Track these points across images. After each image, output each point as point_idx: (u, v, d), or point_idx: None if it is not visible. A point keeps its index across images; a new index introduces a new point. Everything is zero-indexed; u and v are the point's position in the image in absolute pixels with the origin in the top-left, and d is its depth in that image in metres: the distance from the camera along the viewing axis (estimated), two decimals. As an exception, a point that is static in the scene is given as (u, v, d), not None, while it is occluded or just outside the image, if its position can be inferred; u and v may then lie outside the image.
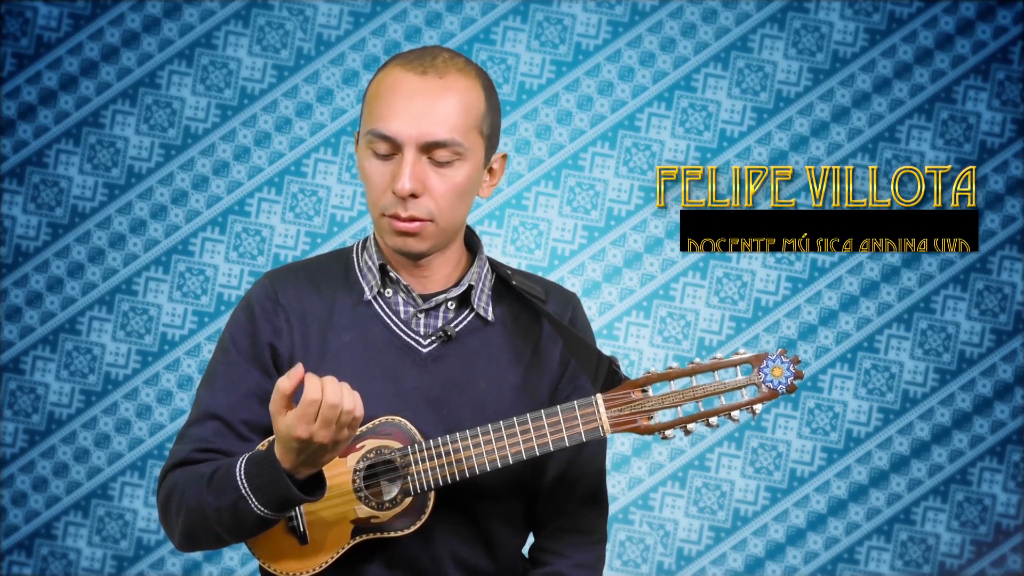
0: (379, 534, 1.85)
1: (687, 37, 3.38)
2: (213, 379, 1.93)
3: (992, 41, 3.37)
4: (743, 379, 1.82)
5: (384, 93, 1.84)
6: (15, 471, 3.39)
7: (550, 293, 1.97)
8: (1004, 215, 3.37)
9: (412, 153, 1.82)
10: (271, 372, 1.90)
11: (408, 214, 1.83)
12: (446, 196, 1.85)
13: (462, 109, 1.84)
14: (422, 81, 1.83)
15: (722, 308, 3.38)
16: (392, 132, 1.82)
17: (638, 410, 1.82)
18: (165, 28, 3.39)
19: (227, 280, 3.38)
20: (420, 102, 1.82)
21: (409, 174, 1.81)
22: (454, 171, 1.85)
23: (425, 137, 1.82)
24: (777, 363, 1.81)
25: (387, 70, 1.87)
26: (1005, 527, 3.36)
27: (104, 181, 3.39)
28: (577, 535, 1.96)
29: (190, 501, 1.84)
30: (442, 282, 1.93)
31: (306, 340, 1.91)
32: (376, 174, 1.85)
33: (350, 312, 1.92)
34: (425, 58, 1.86)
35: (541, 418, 1.82)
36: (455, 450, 1.82)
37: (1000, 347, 3.37)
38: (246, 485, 1.78)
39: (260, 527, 1.83)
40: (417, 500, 1.84)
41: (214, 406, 1.90)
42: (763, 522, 3.38)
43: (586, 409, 1.81)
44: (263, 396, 1.87)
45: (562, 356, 1.94)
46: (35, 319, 3.39)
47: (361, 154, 1.88)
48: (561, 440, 1.81)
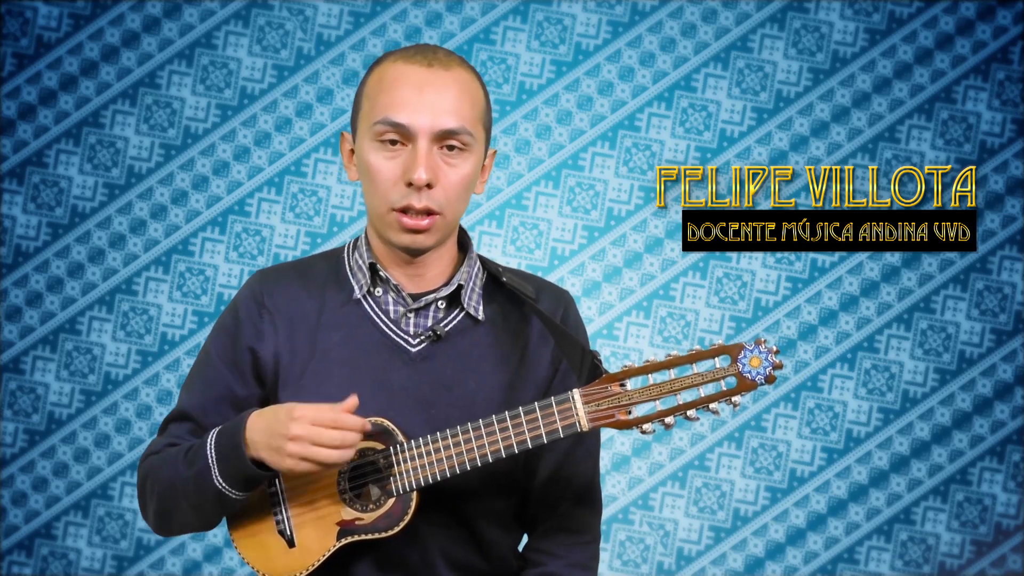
0: (364, 536, 1.85)
1: (687, 37, 3.38)
2: (192, 379, 1.96)
3: (992, 41, 3.36)
4: (721, 370, 1.78)
5: (390, 85, 1.84)
6: (15, 471, 3.40)
7: (542, 291, 1.97)
8: (1004, 215, 3.37)
9: (426, 142, 1.83)
10: (246, 377, 1.92)
11: (422, 205, 1.83)
12: (455, 188, 1.85)
13: (469, 101, 1.86)
14: (429, 72, 1.84)
15: (722, 308, 3.38)
16: (405, 121, 1.82)
17: (616, 404, 1.79)
18: (165, 28, 3.39)
19: (227, 280, 3.38)
20: (431, 92, 1.83)
21: (425, 164, 1.82)
22: (463, 162, 1.85)
23: (439, 126, 1.83)
24: (755, 353, 1.77)
25: (387, 64, 1.87)
26: (1005, 527, 3.36)
27: (104, 181, 3.39)
28: (570, 535, 1.96)
29: (164, 477, 1.88)
30: (433, 281, 1.93)
31: (293, 341, 1.91)
32: (384, 167, 1.84)
33: (339, 311, 1.92)
34: (427, 52, 1.87)
35: (519, 415, 1.81)
36: (435, 450, 1.82)
37: (1000, 347, 3.37)
38: (213, 455, 1.83)
39: (219, 504, 1.85)
40: (401, 501, 1.84)
41: (189, 406, 1.94)
42: (763, 522, 3.37)
43: (563, 404, 1.80)
44: (235, 401, 1.91)
45: (553, 356, 1.94)
46: (35, 319, 3.39)
47: (364, 148, 1.87)
48: (539, 437, 1.80)
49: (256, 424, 1.81)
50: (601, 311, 3.37)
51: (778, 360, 1.78)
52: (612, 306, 3.38)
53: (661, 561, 3.38)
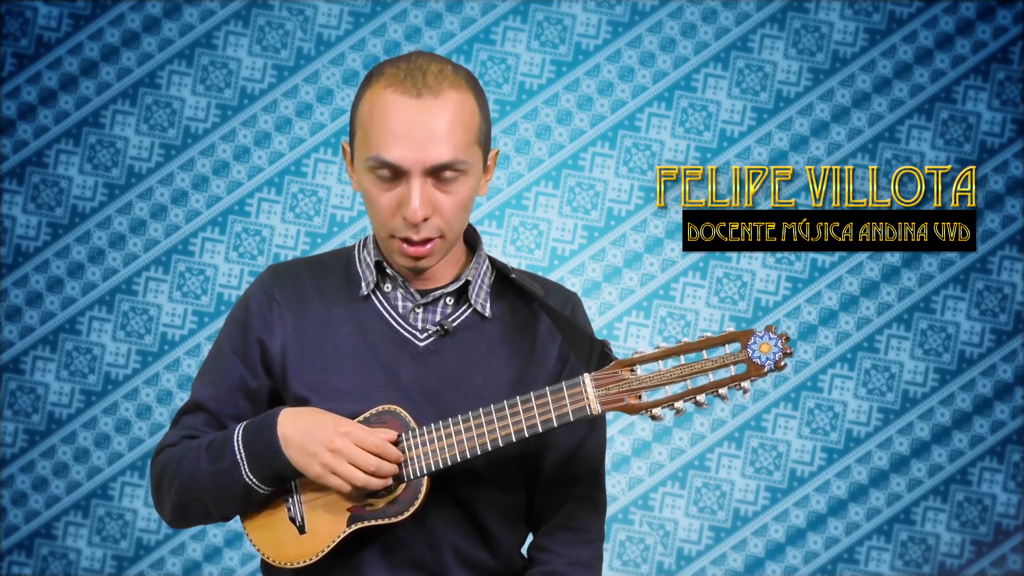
0: (374, 521, 1.86)
1: (687, 37, 3.38)
2: (206, 370, 1.98)
3: (992, 41, 3.37)
4: (731, 356, 1.78)
5: (380, 118, 1.82)
6: (15, 471, 3.40)
7: (550, 291, 1.98)
8: (1004, 215, 3.37)
9: (419, 179, 1.82)
10: (256, 369, 1.94)
11: (420, 237, 1.84)
12: (453, 211, 1.85)
13: (461, 127, 1.83)
14: (418, 104, 1.81)
15: (722, 308, 3.38)
16: (396, 159, 1.81)
17: (626, 389, 1.80)
18: (165, 28, 3.39)
19: (227, 280, 3.38)
20: (420, 127, 1.81)
21: (420, 201, 1.81)
22: (460, 186, 1.85)
23: (431, 161, 1.81)
24: (765, 339, 1.78)
25: (377, 92, 1.84)
26: (1005, 527, 3.36)
27: (104, 181, 3.39)
28: (574, 533, 1.96)
29: (185, 471, 1.90)
30: (441, 278, 1.94)
31: (302, 334, 1.93)
32: (381, 199, 1.84)
33: (348, 306, 1.93)
34: (416, 77, 1.82)
35: (530, 399, 1.81)
36: (447, 435, 1.83)
37: (1000, 347, 3.37)
38: (242, 451, 1.85)
39: (245, 498, 1.88)
40: (411, 487, 1.85)
41: (203, 397, 1.97)
42: (763, 522, 3.38)
43: (574, 388, 1.81)
44: (248, 391, 1.95)
45: (561, 352, 1.94)
46: (35, 319, 3.39)
47: (360, 173, 1.87)
48: (549, 420, 1.81)
49: (294, 422, 1.84)
50: (601, 311, 3.37)
51: (788, 347, 1.78)
52: (612, 306, 3.38)
53: (661, 561, 3.38)
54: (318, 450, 1.81)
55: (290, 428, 1.84)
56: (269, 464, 1.85)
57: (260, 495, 1.88)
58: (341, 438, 1.81)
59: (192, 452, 1.91)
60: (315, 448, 1.81)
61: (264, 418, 1.87)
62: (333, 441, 1.81)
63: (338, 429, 1.81)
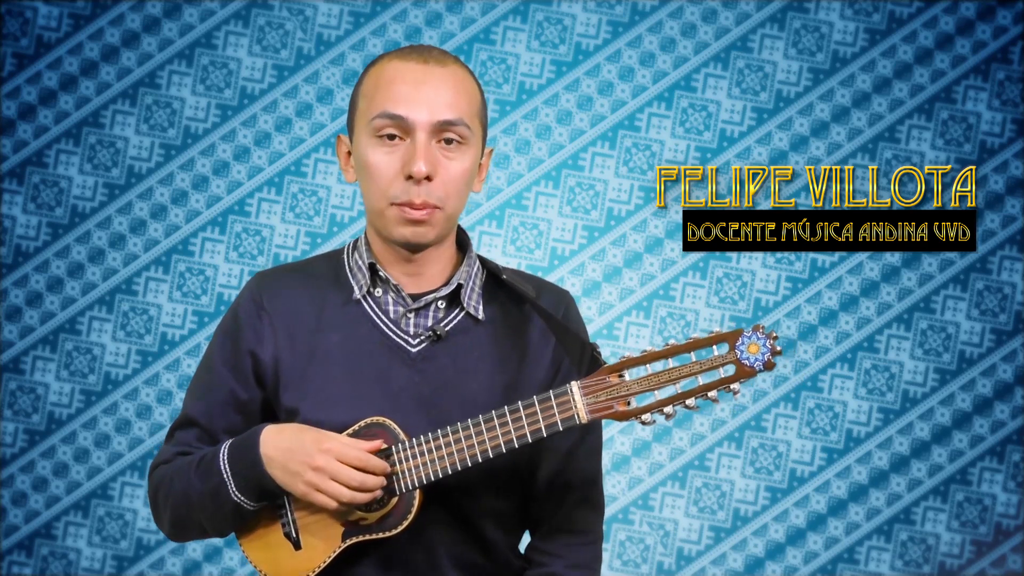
0: (369, 535, 1.84)
1: (687, 37, 3.38)
2: (196, 384, 1.97)
3: (992, 41, 3.37)
4: (719, 358, 1.76)
5: (387, 83, 1.86)
6: (15, 471, 3.40)
7: (542, 291, 1.97)
8: (1004, 215, 3.37)
9: (424, 136, 1.84)
10: (248, 381, 1.93)
11: (422, 200, 1.84)
12: (454, 181, 1.86)
13: (466, 96, 1.88)
14: (426, 69, 1.86)
15: (722, 308, 3.38)
16: (404, 113, 1.84)
17: (614, 395, 1.77)
18: (165, 28, 3.39)
19: (227, 280, 3.38)
20: (428, 87, 1.85)
21: (424, 156, 1.83)
22: (461, 156, 1.86)
23: (437, 117, 1.84)
24: (753, 339, 1.75)
25: (383, 64, 1.89)
26: (1005, 527, 3.36)
27: (104, 181, 3.39)
28: (572, 535, 1.95)
29: (177, 489, 1.90)
30: (432, 281, 1.93)
31: (293, 342, 1.91)
32: (383, 162, 1.85)
33: (339, 312, 1.92)
34: (422, 51, 1.89)
35: (519, 409, 1.80)
36: (436, 447, 1.81)
37: (1000, 347, 3.37)
38: (228, 469, 1.85)
39: (236, 516, 1.87)
40: (404, 500, 1.83)
41: (194, 412, 1.95)
42: (763, 522, 3.37)
43: (561, 397, 1.78)
44: (239, 404, 1.93)
45: (554, 356, 1.93)
46: (35, 319, 3.39)
47: (362, 145, 1.88)
48: (539, 431, 1.79)
49: (275, 441, 1.83)
50: (601, 311, 3.37)
51: (777, 346, 1.75)
52: (612, 306, 3.38)
53: (661, 561, 3.38)
54: (300, 469, 1.80)
55: (272, 448, 1.82)
56: (255, 483, 1.84)
57: (251, 512, 1.87)
58: (322, 455, 1.79)
59: (183, 471, 1.90)
60: (297, 467, 1.80)
61: (247, 437, 1.86)
62: (315, 459, 1.79)
63: (319, 446, 1.79)
